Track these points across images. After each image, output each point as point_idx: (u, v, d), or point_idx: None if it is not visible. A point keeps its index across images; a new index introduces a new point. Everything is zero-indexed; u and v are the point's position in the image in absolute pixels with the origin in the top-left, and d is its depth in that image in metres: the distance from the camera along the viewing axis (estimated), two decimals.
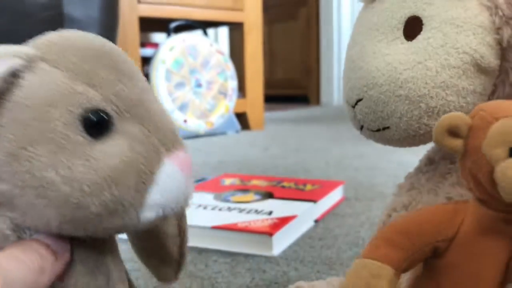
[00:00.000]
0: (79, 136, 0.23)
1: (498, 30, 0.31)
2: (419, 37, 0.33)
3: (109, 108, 0.24)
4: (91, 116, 0.23)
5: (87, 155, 0.23)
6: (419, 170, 0.38)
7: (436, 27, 0.32)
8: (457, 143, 0.27)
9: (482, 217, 0.27)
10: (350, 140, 1.62)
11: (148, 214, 0.24)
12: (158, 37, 2.53)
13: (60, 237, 0.24)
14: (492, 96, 0.33)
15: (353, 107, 0.35)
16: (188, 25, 1.87)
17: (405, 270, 0.29)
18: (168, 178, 0.24)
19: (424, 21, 0.33)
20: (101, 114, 0.23)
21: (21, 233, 0.24)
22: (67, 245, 0.25)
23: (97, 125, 0.23)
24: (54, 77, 0.23)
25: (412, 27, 0.34)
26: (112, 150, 0.23)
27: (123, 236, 0.33)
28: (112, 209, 0.23)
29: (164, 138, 0.25)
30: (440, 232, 0.28)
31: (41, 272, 0.23)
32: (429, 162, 0.38)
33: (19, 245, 0.23)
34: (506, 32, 0.31)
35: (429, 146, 0.38)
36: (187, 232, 0.33)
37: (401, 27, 0.34)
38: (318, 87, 3.75)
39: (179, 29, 1.84)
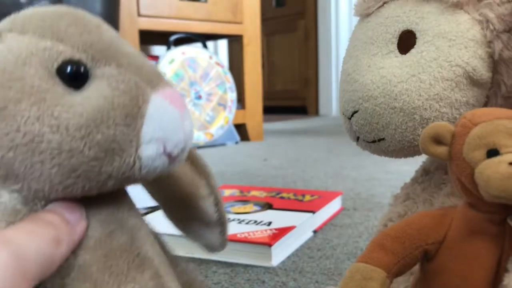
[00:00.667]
0: (58, 88, 0.23)
1: (489, 43, 0.32)
2: (413, 51, 0.34)
3: (81, 57, 0.24)
4: (65, 68, 0.23)
5: (70, 102, 0.23)
6: (415, 180, 0.39)
7: (429, 41, 0.33)
8: (442, 150, 0.29)
9: (470, 219, 0.28)
10: (348, 151, 1.63)
11: (148, 150, 0.24)
12: (158, 50, 2.55)
13: (73, 203, 0.24)
14: (485, 107, 0.34)
15: (349, 119, 0.36)
16: (188, 38, 1.88)
17: (398, 274, 0.29)
18: (158, 111, 0.24)
19: (417, 35, 0.34)
20: (75, 64, 0.23)
21: (31, 206, 0.24)
22: (82, 211, 0.24)
23: (73, 75, 0.23)
24: (22, 40, 0.24)
25: (406, 41, 0.34)
26: (93, 93, 0.23)
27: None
28: (107, 148, 0.23)
29: (147, 76, 0.25)
30: (429, 235, 0.29)
31: (57, 243, 0.22)
32: (425, 172, 0.38)
33: (31, 218, 0.23)
34: (497, 46, 0.32)
35: (425, 157, 0.38)
36: (219, 190, 0.33)
37: (395, 41, 0.34)
38: (317, 98, 3.76)
39: (179, 42, 1.85)
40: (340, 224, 0.79)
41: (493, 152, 0.26)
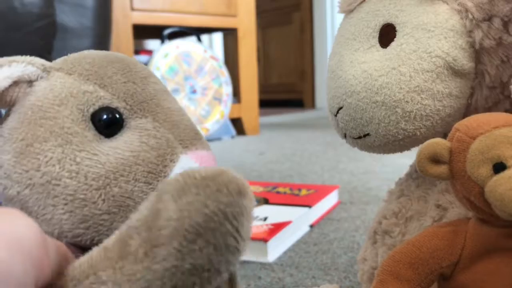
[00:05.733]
0: (89, 133, 0.23)
1: (469, 33, 0.32)
2: (393, 44, 0.33)
3: (120, 106, 0.24)
4: (101, 114, 0.23)
5: (96, 149, 0.22)
6: (409, 176, 0.38)
7: (408, 33, 0.32)
8: (442, 169, 0.27)
9: (485, 236, 0.27)
10: (344, 144, 1.62)
11: None
12: (152, 44, 2.54)
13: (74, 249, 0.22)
14: (471, 99, 0.33)
15: (335, 115, 0.36)
16: (182, 32, 1.87)
17: None
18: None
19: (397, 28, 0.33)
20: (111, 112, 0.23)
21: None
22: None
23: (107, 122, 0.23)
24: (66, 81, 0.24)
25: (388, 35, 0.34)
26: (121, 144, 0.23)
27: None
28: (121, 203, 0.22)
29: (181, 135, 0.25)
30: (443, 258, 0.28)
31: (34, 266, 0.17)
32: None
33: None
34: (477, 35, 0.31)
35: (417, 151, 0.38)
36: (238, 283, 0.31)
37: (376, 35, 0.34)
38: (313, 91, 3.75)
39: (173, 35, 1.84)
40: (337, 218, 0.79)
41: (499, 166, 0.24)
